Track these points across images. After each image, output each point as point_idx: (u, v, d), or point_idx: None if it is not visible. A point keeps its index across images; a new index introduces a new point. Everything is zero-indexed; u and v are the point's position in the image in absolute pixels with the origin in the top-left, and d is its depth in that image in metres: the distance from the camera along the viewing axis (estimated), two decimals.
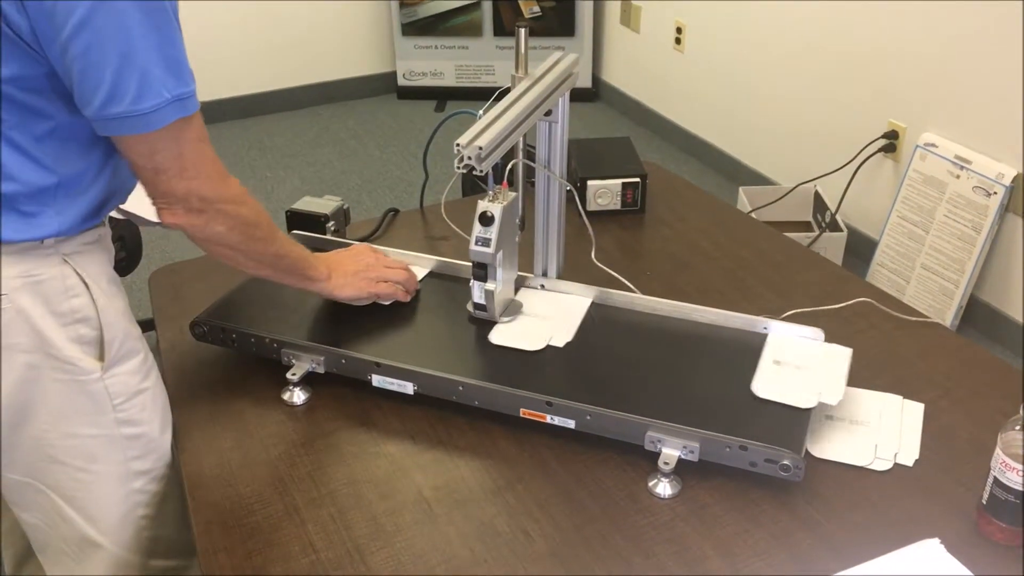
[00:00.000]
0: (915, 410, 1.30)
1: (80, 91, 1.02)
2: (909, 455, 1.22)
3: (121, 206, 1.24)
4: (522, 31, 1.36)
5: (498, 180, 1.36)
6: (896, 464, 1.21)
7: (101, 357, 1.16)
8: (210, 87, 4.24)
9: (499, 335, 1.38)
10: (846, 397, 1.32)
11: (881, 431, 1.26)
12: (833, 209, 3.03)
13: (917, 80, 2.84)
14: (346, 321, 1.42)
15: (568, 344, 1.36)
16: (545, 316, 1.43)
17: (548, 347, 1.35)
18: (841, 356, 1.32)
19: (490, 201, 1.34)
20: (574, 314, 1.43)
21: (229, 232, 1.18)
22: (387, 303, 1.44)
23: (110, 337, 1.16)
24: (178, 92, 1.05)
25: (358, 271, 1.41)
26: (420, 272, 1.53)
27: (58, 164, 1.08)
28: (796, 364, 1.31)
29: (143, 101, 1.03)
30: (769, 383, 1.26)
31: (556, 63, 1.42)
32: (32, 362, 1.11)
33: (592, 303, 1.46)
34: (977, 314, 2.77)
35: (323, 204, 1.68)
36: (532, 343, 1.36)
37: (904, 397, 1.33)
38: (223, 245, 1.20)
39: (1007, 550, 1.09)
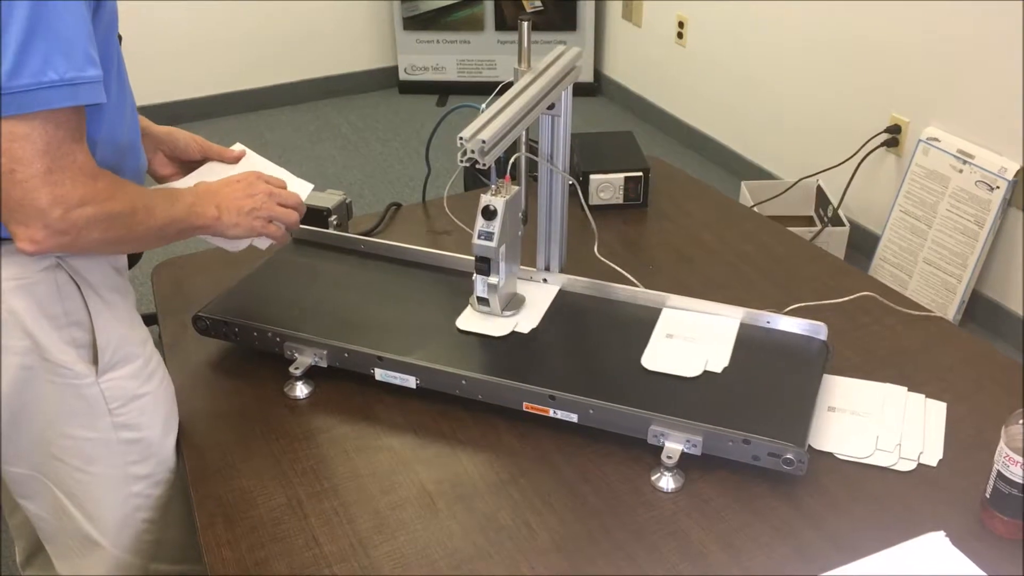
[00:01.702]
0: (937, 409, 1.30)
1: None
2: (933, 455, 1.22)
3: None
4: (525, 25, 1.36)
5: (501, 174, 1.36)
6: (919, 464, 1.21)
7: (95, 361, 1.14)
8: (211, 82, 4.24)
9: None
10: (848, 389, 1.32)
11: (883, 423, 1.26)
12: (835, 203, 3.03)
13: (920, 74, 2.83)
14: (349, 315, 1.42)
15: (568, 338, 1.36)
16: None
17: (545, 339, 1.35)
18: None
19: (493, 195, 1.34)
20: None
21: (106, 234, 1.05)
22: (264, 247, 1.34)
23: (104, 342, 1.14)
24: (69, 76, 0.94)
25: (252, 208, 1.26)
26: (306, 189, 1.40)
27: None
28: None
29: (18, 78, 0.92)
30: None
31: (559, 57, 1.42)
32: (26, 364, 1.09)
33: (562, 290, 1.46)
34: (979, 309, 2.77)
35: (325, 198, 1.68)
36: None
37: (908, 390, 1.33)
38: (105, 246, 1.08)
39: (1011, 544, 1.09)
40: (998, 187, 2.59)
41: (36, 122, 0.95)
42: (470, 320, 1.39)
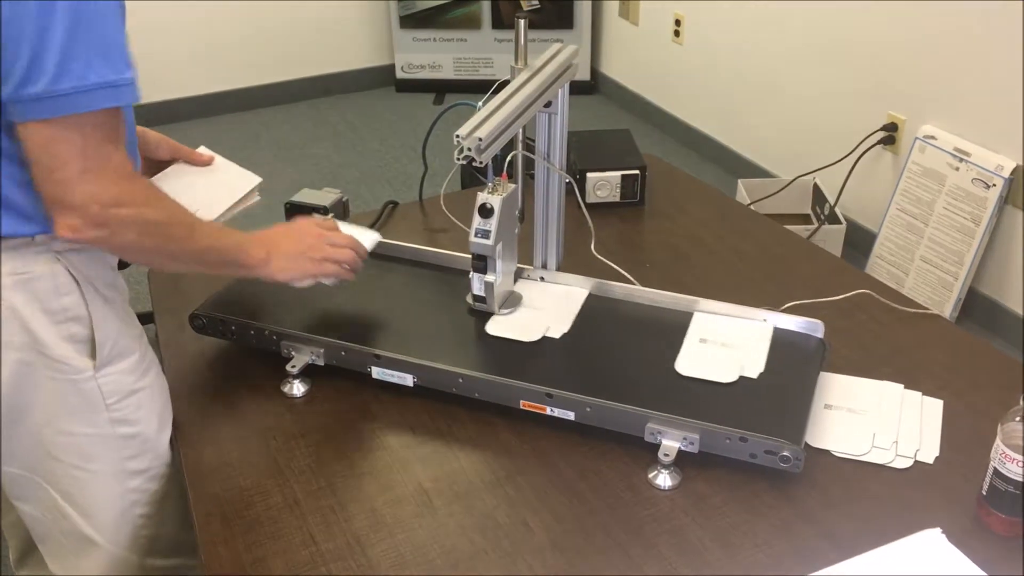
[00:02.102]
0: (934, 406, 1.30)
1: (3, 68, 0.95)
2: (930, 452, 1.22)
3: None
4: (522, 22, 1.36)
5: (497, 172, 1.35)
6: (916, 461, 1.21)
7: (93, 356, 1.15)
8: (208, 80, 4.24)
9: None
10: (845, 386, 1.32)
11: (880, 420, 1.26)
12: (832, 201, 3.03)
13: (917, 72, 2.83)
14: (346, 313, 1.42)
15: (567, 335, 1.36)
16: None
17: (547, 338, 1.35)
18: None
19: (489, 193, 1.34)
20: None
21: (140, 239, 1.09)
22: (330, 283, 1.35)
23: (101, 337, 1.14)
24: (110, 78, 0.98)
25: (301, 252, 1.29)
26: (371, 238, 1.43)
27: None
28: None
29: (63, 81, 0.95)
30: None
31: (556, 54, 1.42)
32: (25, 360, 1.10)
33: (590, 294, 1.46)
34: (976, 306, 2.78)
35: (322, 196, 1.67)
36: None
37: (905, 388, 1.33)
38: (140, 252, 1.12)
39: (1007, 540, 1.09)
40: (994, 185, 2.59)
41: (75, 124, 0.98)
42: (500, 325, 1.38)
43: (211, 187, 1.42)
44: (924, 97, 2.83)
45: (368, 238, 1.43)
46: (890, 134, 2.95)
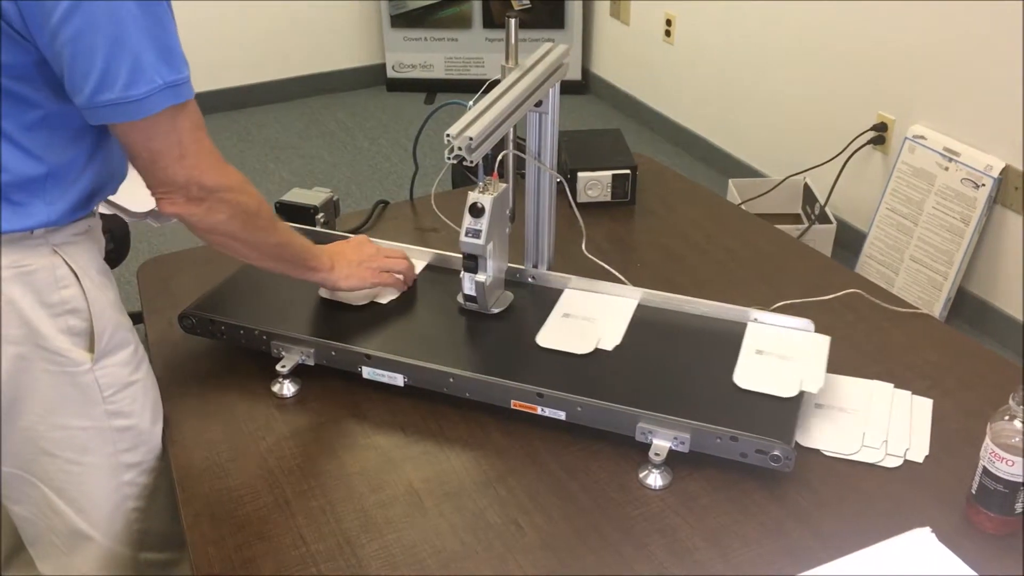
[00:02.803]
0: (924, 405, 1.30)
1: (70, 78, 1.01)
2: (919, 452, 1.22)
3: (110, 197, 1.23)
4: (512, 21, 1.36)
5: (488, 171, 1.35)
6: (905, 460, 1.21)
7: (91, 348, 1.16)
8: (198, 79, 4.18)
9: (545, 337, 1.36)
10: (835, 385, 1.32)
11: (870, 420, 1.27)
12: (822, 201, 3.04)
13: (906, 72, 2.84)
14: (336, 313, 1.42)
15: (560, 336, 1.36)
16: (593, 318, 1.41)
17: (539, 340, 1.35)
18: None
19: (480, 192, 1.34)
20: (563, 306, 1.43)
21: (229, 220, 1.17)
22: (386, 301, 1.43)
23: (100, 328, 1.15)
24: (171, 79, 1.04)
25: (361, 261, 1.40)
26: (419, 264, 1.53)
27: (47, 153, 1.07)
28: (778, 354, 1.31)
29: (135, 87, 1.02)
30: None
31: (546, 54, 1.42)
32: (22, 353, 1.10)
33: (582, 293, 1.46)
34: (965, 306, 2.79)
35: (313, 196, 1.67)
36: (583, 346, 1.34)
37: (895, 387, 1.33)
38: (224, 234, 1.19)
39: (996, 539, 1.09)
40: (984, 184, 2.60)
41: (168, 119, 1.06)
42: (550, 337, 1.36)
43: None
44: (914, 97, 2.83)
45: (418, 266, 1.52)
46: (880, 134, 2.96)
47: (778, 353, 1.31)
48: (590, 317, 1.40)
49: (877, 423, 1.26)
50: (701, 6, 3.65)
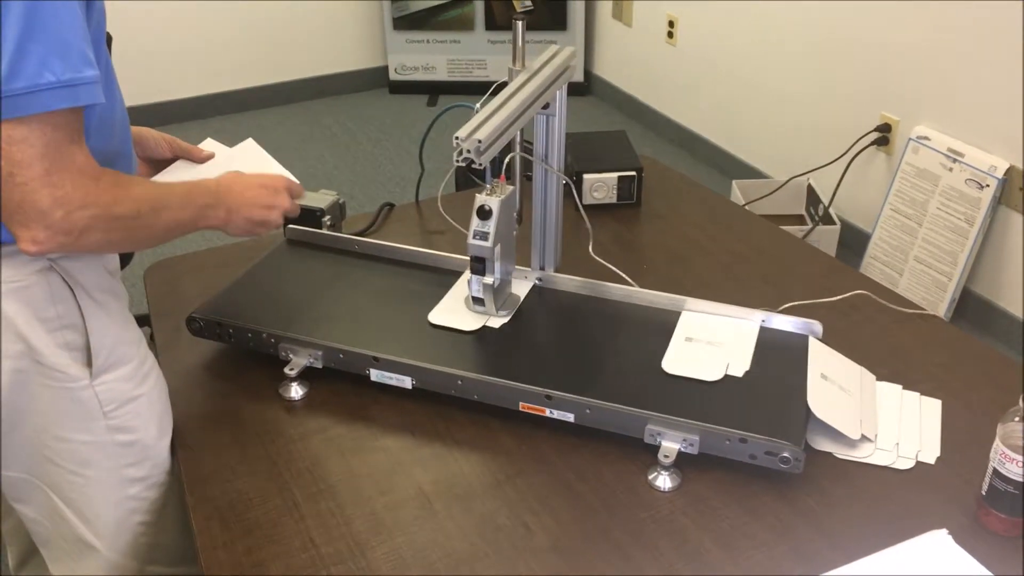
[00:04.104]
0: (933, 406, 1.30)
1: None
2: (931, 453, 1.22)
3: None
4: (519, 24, 1.36)
5: (495, 174, 1.35)
6: (918, 462, 1.21)
7: (89, 363, 1.13)
8: (201, 82, 4.23)
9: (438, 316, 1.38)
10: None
11: (880, 421, 1.26)
12: (826, 202, 3.04)
13: (910, 73, 2.84)
14: (344, 315, 1.42)
15: (564, 338, 1.36)
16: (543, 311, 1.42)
17: (545, 341, 1.35)
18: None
19: (488, 195, 1.34)
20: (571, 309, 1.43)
21: (107, 235, 1.05)
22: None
23: (97, 345, 1.13)
24: (66, 77, 0.94)
25: (262, 221, 1.29)
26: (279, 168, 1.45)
27: None
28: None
29: (15, 80, 0.91)
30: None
31: (553, 56, 1.42)
32: (19, 368, 1.09)
33: (587, 296, 1.46)
34: (970, 306, 2.78)
35: (319, 198, 1.67)
36: (469, 324, 1.36)
37: (903, 388, 1.33)
38: (107, 247, 1.11)
39: (1007, 541, 1.09)
40: (988, 185, 2.60)
41: (34, 125, 0.94)
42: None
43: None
44: (917, 98, 2.83)
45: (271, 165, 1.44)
46: (884, 135, 2.96)
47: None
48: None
49: (887, 425, 1.26)
50: (704, 7, 3.65)
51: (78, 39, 0.96)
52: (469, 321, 1.36)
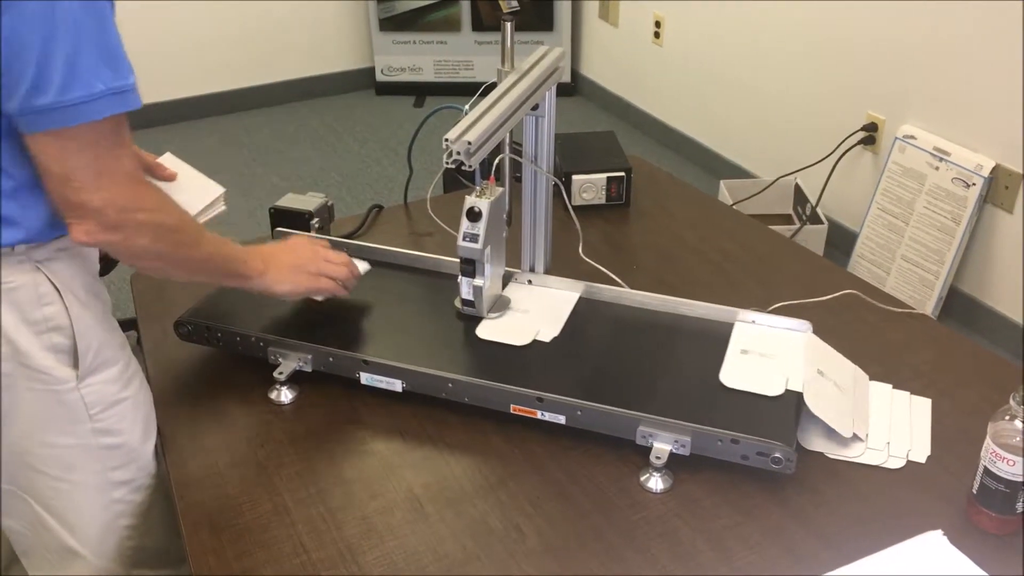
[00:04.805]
0: (923, 405, 1.30)
1: (6, 82, 0.95)
2: (921, 452, 1.22)
3: None
4: (508, 25, 1.36)
5: (485, 175, 1.35)
6: (908, 461, 1.21)
7: (76, 366, 1.13)
8: (187, 83, 4.20)
9: (486, 330, 1.37)
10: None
11: (871, 421, 1.27)
12: (813, 202, 3.04)
13: (896, 72, 2.85)
14: (333, 319, 1.41)
15: (556, 339, 1.36)
16: (533, 311, 1.42)
17: (536, 342, 1.35)
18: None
19: (477, 196, 1.33)
20: (562, 309, 1.42)
21: (154, 244, 1.10)
22: (320, 298, 1.38)
23: (84, 347, 1.13)
24: (115, 85, 0.98)
25: (297, 265, 1.32)
26: (363, 266, 1.47)
27: (13, 166, 1.02)
28: (761, 352, 1.31)
29: (71, 91, 0.96)
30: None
31: (542, 57, 1.42)
32: (6, 371, 1.08)
33: (580, 297, 1.46)
34: (957, 304, 2.80)
35: (307, 201, 1.66)
36: (519, 338, 1.35)
37: (894, 387, 1.33)
38: (150, 258, 1.12)
39: (998, 539, 1.10)
40: (974, 184, 2.61)
41: (88, 132, 0.99)
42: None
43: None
44: (904, 97, 2.85)
45: (361, 266, 1.46)
46: (870, 134, 2.97)
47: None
48: (529, 310, 1.40)
49: (877, 424, 1.26)
50: (690, 7, 3.65)
51: (120, 47, 1.00)
52: (519, 336, 1.34)
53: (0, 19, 0.92)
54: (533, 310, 1.42)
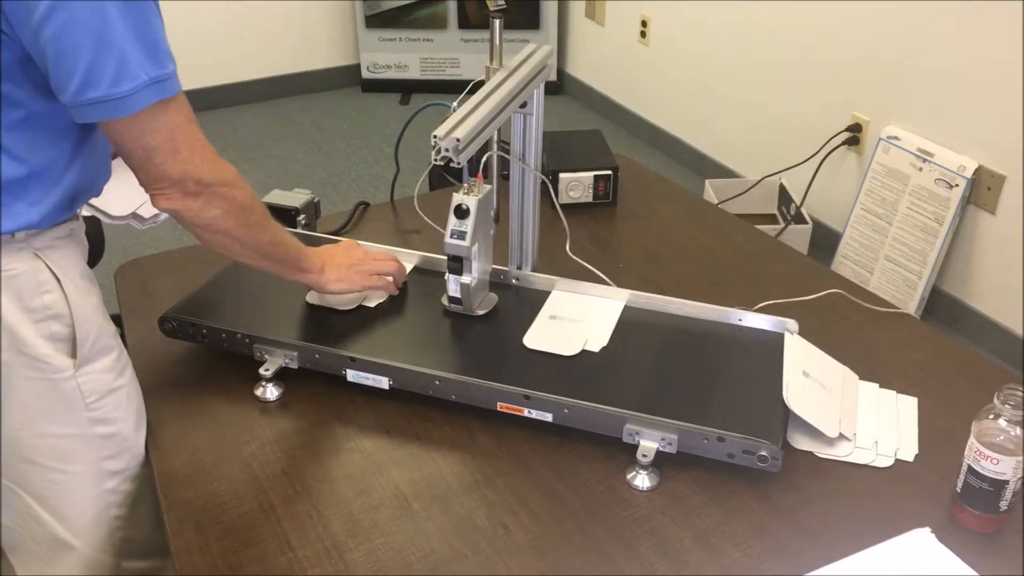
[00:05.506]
0: (909, 404, 1.31)
1: (55, 77, 0.99)
2: (909, 450, 1.23)
3: (91, 200, 1.21)
4: (496, 22, 1.36)
5: (473, 173, 1.35)
6: (897, 460, 1.22)
7: (73, 354, 1.13)
8: None
9: (533, 339, 1.35)
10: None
11: (857, 419, 1.27)
12: (798, 202, 3.06)
13: (880, 73, 2.87)
14: (319, 315, 1.40)
15: (606, 348, 1.35)
16: (582, 320, 1.40)
17: (522, 342, 1.35)
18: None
19: (465, 194, 1.33)
20: (609, 317, 1.41)
21: (224, 216, 1.15)
22: (374, 304, 1.42)
23: (83, 334, 1.13)
24: (156, 74, 1.03)
25: (351, 264, 1.38)
26: (407, 265, 1.51)
27: (29, 154, 1.05)
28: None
29: (120, 84, 1.00)
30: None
31: (531, 55, 1.41)
32: (4, 360, 1.08)
33: (570, 295, 1.46)
34: (939, 305, 2.82)
35: (293, 197, 1.66)
36: (568, 347, 1.33)
37: (879, 387, 1.34)
38: (218, 231, 1.17)
39: (986, 536, 1.10)
40: (957, 185, 2.63)
41: (160, 113, 1.05)
42: (537, 339, 1.35)
43: None
44: (888, 98, 2.86)
45: (408, 265, 1.50)
46: (854, 135, 2.99)
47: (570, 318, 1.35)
48: (576, 319, 1.39)
49: (865, 423, 1.27)
50: (676, 7, 3.66)
51: (163, 38, 1.04)
52: (567, 346, 1.33)
53: (50, 19, 0.95)
54: (582, 319, 1.40)
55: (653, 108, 3.97)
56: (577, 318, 1.39)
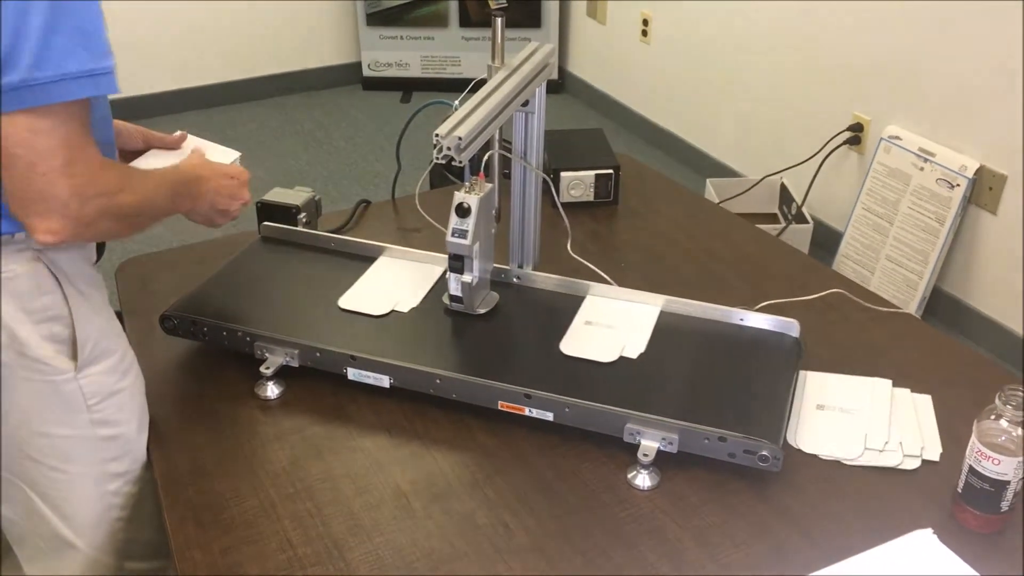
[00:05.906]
0: (924, 403, 1.30)
1: None
2: (934, 450, 1.22)
3: None
4: (499, 21, 1.35)
5: (474, 171, 1.35)
6: (923, 460, 1.21)
7: (75, 356, 1.13)
8: (174, 77, 4.18)
9: (569, 345, 1.34)
10: (832, 384, 1.32)
11: (872, 419, 1.26)
12: (799, 201, 3.06)
13: (882, 73, 2.87)
14: (320, 313, 1.40)
15: (545, 338, 1.36)
16: (617, 326, 1.39)
17: (524, 339, 1.35)
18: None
19: (466, 192, 1.33)
20: (646, 322, 1.40)
21: (118, 223, 1.08)
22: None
23: (83, 336, 1.13)
24: (90, 67, 0.96)
25: (224, 211, 1.32)
26: (231, 156, 1.45)
27: None
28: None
29: (42, 69, 0.93)
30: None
31: (532, 53, 1.41)
32: (4, 361, 1.08)
33: (571, 296, 1.46)
34: (940, 304, 2.81)
35: (294, 195, 1.66)
36: (606, 354, 1.32)
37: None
38: (114, 234, 1.11)
39: (988, 537, 1.10)
40: (958, 185, 2.63)
41: (57, 114, 0.96)
42: (573, 344, 1.34)
43: None
44: (889, 98, 2.86)
45: (229, 157, 1.45)
46: (856, 134, 2.98)
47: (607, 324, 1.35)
48: (612, 324, 1.38)
49: (880, 423, 1.25)
50: (678, 6, 3.66)
51: (100, 28, 0.97)
52: (604, 353, 1.32)
53: None
54: (617, 325, 1.39)
55: (654, 107, 3.97)
56: (612, 324, 1.38)
